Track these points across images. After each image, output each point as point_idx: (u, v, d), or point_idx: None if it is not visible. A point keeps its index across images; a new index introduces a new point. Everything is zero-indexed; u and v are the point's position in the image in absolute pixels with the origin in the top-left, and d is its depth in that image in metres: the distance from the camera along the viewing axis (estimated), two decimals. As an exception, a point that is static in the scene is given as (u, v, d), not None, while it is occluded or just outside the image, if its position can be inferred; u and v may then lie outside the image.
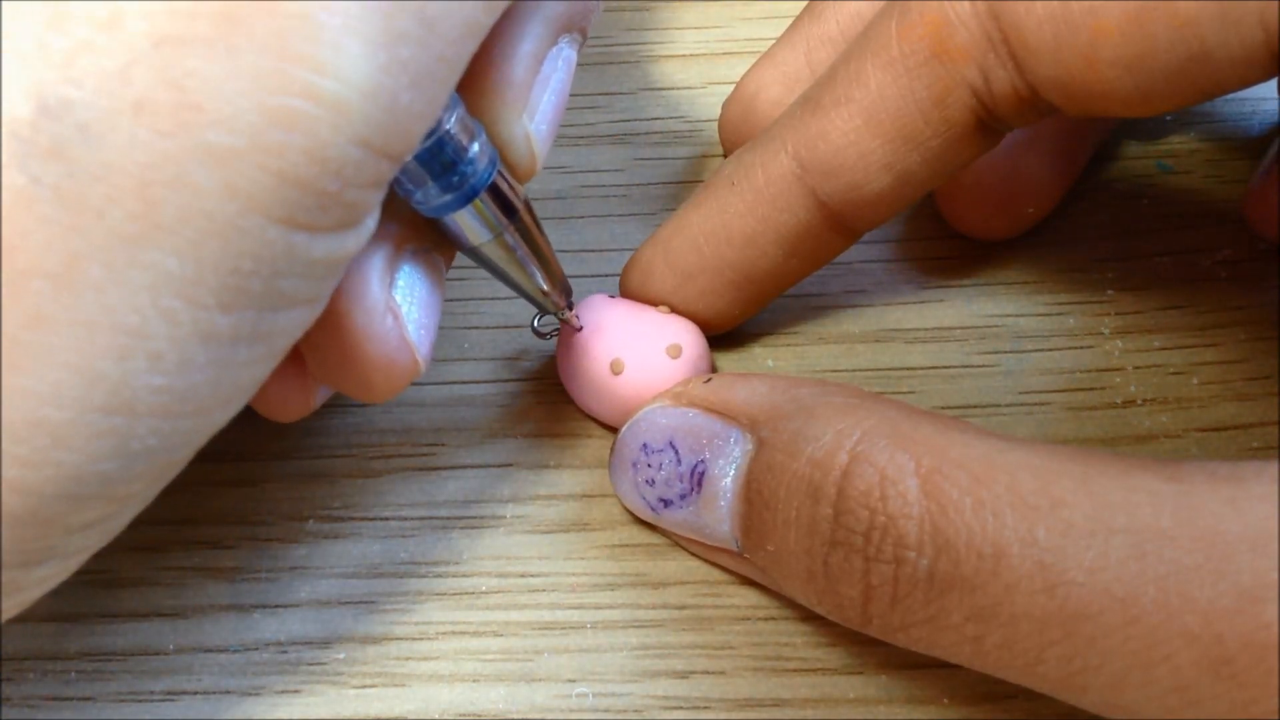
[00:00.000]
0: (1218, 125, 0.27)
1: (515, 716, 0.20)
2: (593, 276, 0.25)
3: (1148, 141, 0.27)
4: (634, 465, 0.21)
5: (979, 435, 0.18)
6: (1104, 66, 0.19)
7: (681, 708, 0.20)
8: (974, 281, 0.25)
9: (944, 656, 0.18)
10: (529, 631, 0.21)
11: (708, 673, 0.21)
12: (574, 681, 0.21)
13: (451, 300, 0.24)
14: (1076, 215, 0.26)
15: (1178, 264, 0.25)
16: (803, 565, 0.18)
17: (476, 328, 0.24)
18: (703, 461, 0.20)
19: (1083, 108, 0.20)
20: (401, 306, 0.19)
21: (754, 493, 0.19)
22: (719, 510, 0.20)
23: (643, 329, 0.22)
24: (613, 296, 0.23)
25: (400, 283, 0.19)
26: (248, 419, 0.23)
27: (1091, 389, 0.23)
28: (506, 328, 0.24)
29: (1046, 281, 0.25)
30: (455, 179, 0.18)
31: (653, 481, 0.21)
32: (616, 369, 0.22)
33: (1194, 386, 0.23)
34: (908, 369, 0.24)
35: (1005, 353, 0.24)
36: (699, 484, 0.20)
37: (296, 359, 0.19)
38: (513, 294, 0.21)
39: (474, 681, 0.21)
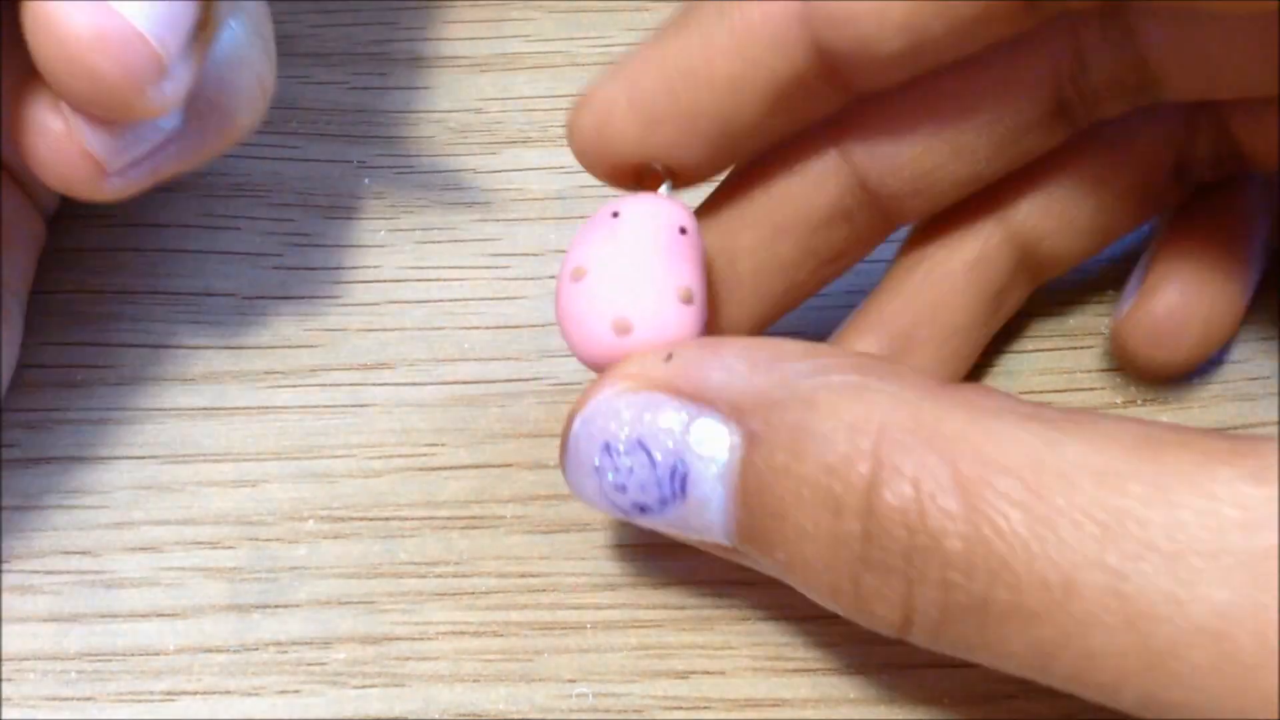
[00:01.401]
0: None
1: (515, 716, 0.20)
2: (593, 276, 0.25)
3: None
4: (597, 471, 0.18)
5: (1019, 422, 0.15)
6: None
7: (681, 708, 0.20)
8: (974, 281, 0.25)
9: (1000, 669, 0.16)
10: (529, 631, 0.21)
11: (708, 673, 0.21)
12: (574, 681, 0.21)
13: (451, 300, 0.24)
14: (1076, 215, 0.26)
15: (1178, 264, 0.25)
16: (825, 580, 0.17)
17: (477, 328, 0.24)
18: (683, 463, 0.17)
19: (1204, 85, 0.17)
20: None
21: (753, 497, 0.17)
22: (710, 515, 0.17)
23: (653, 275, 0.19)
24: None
25: None
26: (248, 419, 0.23)
27: (1091, 389, 0.23)
28: (506, 328, 0.24)
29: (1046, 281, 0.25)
30: None
31: (624, 487, 0.18)
32: (621, 329, 0.18)
33: (1194, 386, 0.23)
34: (908, 369, 0.24)
35: (1005, 353, 0.24)
36: (682, 489, 0.17)
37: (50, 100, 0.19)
38: (514, 294, 0.21)
39: (474, 681, 0.21)
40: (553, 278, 0.25)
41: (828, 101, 0.19)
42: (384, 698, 0.20)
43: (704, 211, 0.21)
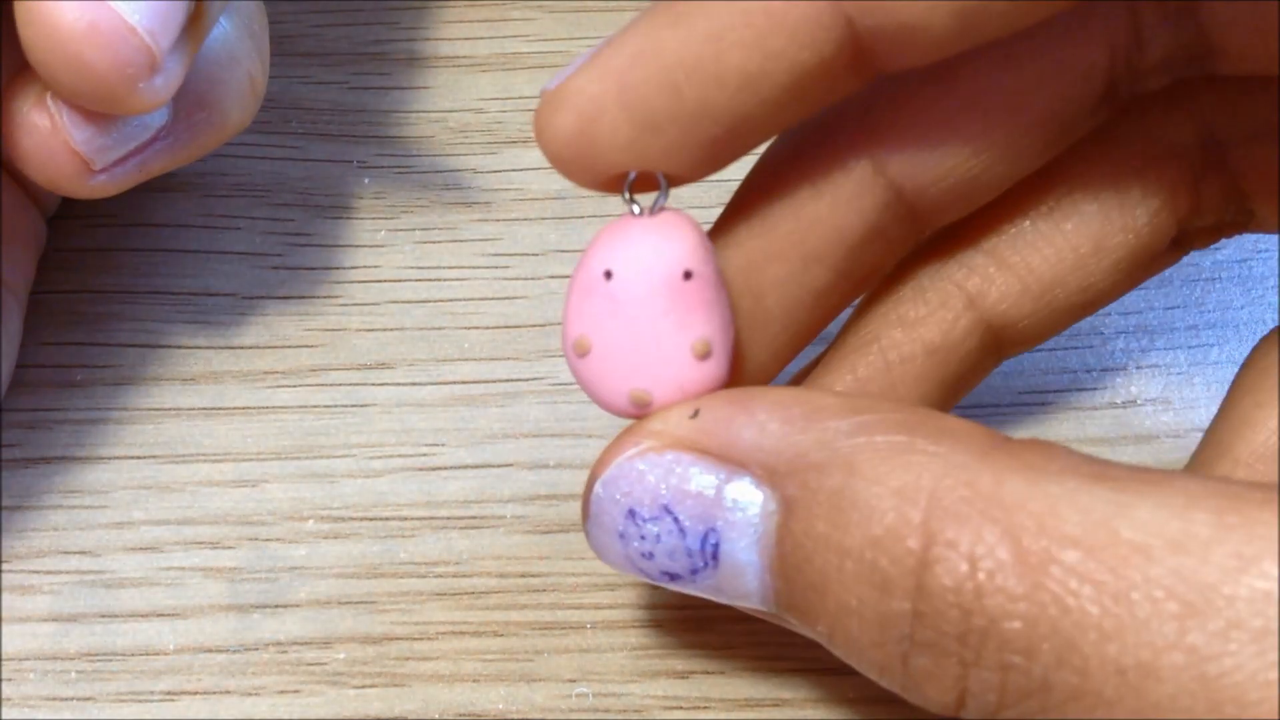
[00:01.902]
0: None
1: (515, 716, 0.20)
2: (593, 276, 0.25)
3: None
4: (621, 536, 0.17)
5: (1083, 484, 0.14)
6: None
7: (681, 708, 0.20)
8: (974, 281, 0.25)
9: None
10: (529, 631, 0.21)
11: (708, 673, 0.21)
12: (574, 681, 0.21)
13: (451, 300, 0.24)
14: (1077, 215, 0.26)
15: (1178, 264, 0.25)
16: (872, 657, 0.15)
17: (476, 328, 0.24)
18: (714, 531, 0.16)
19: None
20: None
21: (791, 568, 0.16)
22: (745, 583, 0.16)
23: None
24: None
25: None
26: (248, 419, 0.23)
27: (1092, 389, 0.23)
28: (506, 328, 0.24)
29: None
30: None
31: (651, 555, 0.17)
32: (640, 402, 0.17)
33: (1195, 386, 0.23)
34: (908, 369, 0.24)
35: (1006, 352, 0.24)
36: (714, 558, 0.16)
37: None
38: (514, 294, 0.20)
39: (474, 681, 0.21)
40: (552, 277, 0.25)
41: (847, 88, 0.17)
42: (384, 698, 0.20)
43: (717, 236, 0.18)
